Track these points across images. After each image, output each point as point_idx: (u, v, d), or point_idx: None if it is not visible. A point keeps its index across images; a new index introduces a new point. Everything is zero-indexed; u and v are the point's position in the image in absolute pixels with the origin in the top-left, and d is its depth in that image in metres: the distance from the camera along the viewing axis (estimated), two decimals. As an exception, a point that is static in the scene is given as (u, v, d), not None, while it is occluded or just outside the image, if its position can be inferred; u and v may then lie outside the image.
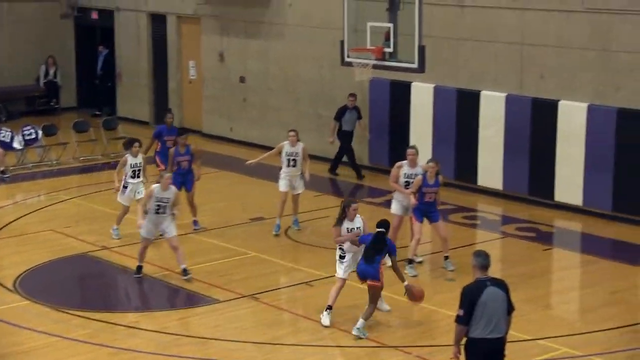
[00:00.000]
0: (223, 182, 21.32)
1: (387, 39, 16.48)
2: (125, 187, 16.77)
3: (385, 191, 20.55)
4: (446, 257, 15.49)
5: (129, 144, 16.98)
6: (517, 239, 17.26)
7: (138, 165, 16.78)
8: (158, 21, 27.03)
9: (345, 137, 21.32)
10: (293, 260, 16.21)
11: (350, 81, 20.98)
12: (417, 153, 15.68)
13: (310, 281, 15.02)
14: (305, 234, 17.36)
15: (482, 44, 19.85)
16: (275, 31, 23.85)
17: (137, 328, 13.36)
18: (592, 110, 18.16)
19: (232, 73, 25.16)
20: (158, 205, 14.76)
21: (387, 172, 21.53)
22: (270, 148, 18.49)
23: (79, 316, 13.74)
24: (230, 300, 14.27)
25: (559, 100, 18.68)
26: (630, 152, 17.67)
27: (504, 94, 19.48)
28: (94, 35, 29.36)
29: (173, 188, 14.93)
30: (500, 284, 10.18)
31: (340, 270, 13.54)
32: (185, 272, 15.02)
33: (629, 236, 17.35)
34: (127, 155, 16.86)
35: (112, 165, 22.87)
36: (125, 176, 16.79)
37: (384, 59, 16.62)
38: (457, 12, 20.21)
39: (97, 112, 28.49)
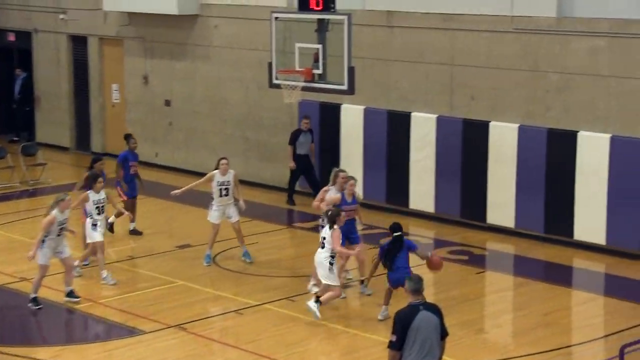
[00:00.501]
0: (149, 209, 21.20)
1: (316, 60, 16.58)
2: (95, 225, 16.15)
3: (317, 216, 20.69)
4: (362, 281, 15.64)
5: (92, 179, 16.26)
6: (450, 262, 17.47)
7: (102, 201, 16.20)
8: (79, 43, 26.90)
9: (300, 160, 21.12)
10: (222, 288, 16.21)
11: (278, 103, 21.09)
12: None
13: (240, 309, 15.06)
14: (233, 261, 17.38)
15: (413, 64, 20.13)
16: (201, 53, 23.91)
17: (60, 361, 13.28)
18: (522, 131, 18.51)
19: (157, 96, 25.14)
20: (61, 229, 14.92)
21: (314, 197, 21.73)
22: (197, 173, 18.53)
23: (-4, 351, 13.62)
24: (157, 331, 14.23)
25: (489, 122, 19.01)
26: (561, 172, 18.04)
27: (434, 116, 19.76)
28: (11, 57, 29.09)
29: (68, 210, 15.08)
30: (434, 309, 10.29)
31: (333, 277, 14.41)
32: (71, 294, 15.25)
33: (560, 258, 17.69)
34: (88, 193, 16.12)
35: (30, 193, 22.76)
36: (91, 216, 16.14)
37: (313, 81, 16.70)
38: (386, 33, 20.47)
39: (15, 138, 28.21)
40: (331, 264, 14.35)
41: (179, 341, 13.92)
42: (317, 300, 14.36)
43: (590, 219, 17.73)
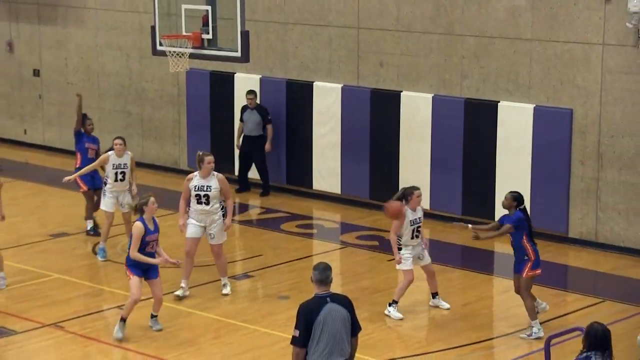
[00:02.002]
0: (17, 194, 20.88)
1: (205, 23, 16.53)
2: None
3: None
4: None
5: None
6: (358, 248, 17.57)
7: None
8: None
9: (245, 142, 20.51)
10: (103, 281, 16.11)
11: (163, 72, 21.01)
12: None
13: (123, 305, 14.93)
14: (116, 251, 17.23)
15: (314, 28, 20.14)
16: (73, 16, 23.59)
17: None
18: (437, 102, 18.68)
19: (24, 66, 24.77)
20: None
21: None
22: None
23: None
24: (30, 330, 14.06)
25: (400, 91, 19.14)
26: (480, 146, 18.28)
27: (339, 85, 19.82)
28: None
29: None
30: (342, 300, 10.23)
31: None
32: None
33: (480, 242, 17.87)
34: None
35: None
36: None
37: (202, 47, 16.64)
38: (284, -7, 20.47)
39: None
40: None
41: (56, 341, 13.78)
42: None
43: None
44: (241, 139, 20.56)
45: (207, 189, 15.03)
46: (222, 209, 15.20)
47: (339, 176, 19.94)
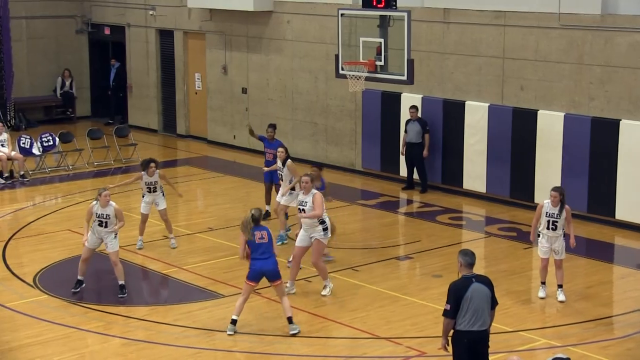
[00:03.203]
0: (226, 186, 21.35)
1: (379, 53, 16.46)
2: (143, 195, 16.35)
3: (378, 194, 20.61)
4: None
5: (145, 164, 16.28)
6: (499, 238, 17.28)
7: (154, 183, 16.25)
8: (166, 36, 27.03)
9: (407, 149, 20.22)
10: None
11: (344, 92, 21.06)
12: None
13: (309, 277, 15.02)
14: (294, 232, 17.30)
15: (467, 57, 19.89)
16: (274, 46, 23.87)
17: (148, 320, 13.37)
18: (568, 119, 18.22)
19: (235, 85, 25.17)
20: (100, 222, 14.10)
21: (379, 177, 21.71)
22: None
23: (94, 309, 13.76)
24: (234, 295, 14.21)
25: (537, 110, 18.74)
26: (603, 157, 17.72)
27: (486, 104, 19.53)
28: (107, 49, 29.34)
29: (112, 204, 14.13)
30: (485, 281, 10.19)
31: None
32: (122, 289, 14.35)
33: (602, 235, 17.39)
34: (141, 174, 16.22)
35: (123, 170, 23.02)
36: (143, 190, 16.30)
37: (375, 72, 16.58)
38: (443, 28, 20.26)
39: (110, 121, 28.46)
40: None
41: (254, 304, 13.90)
42: None
43: (631, 200, 17.38)
44: (405, 147, 20.41)
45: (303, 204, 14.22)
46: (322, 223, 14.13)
47: (484, 178, 19.63)
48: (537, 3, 18.60)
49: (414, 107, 20.15)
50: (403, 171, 20.95)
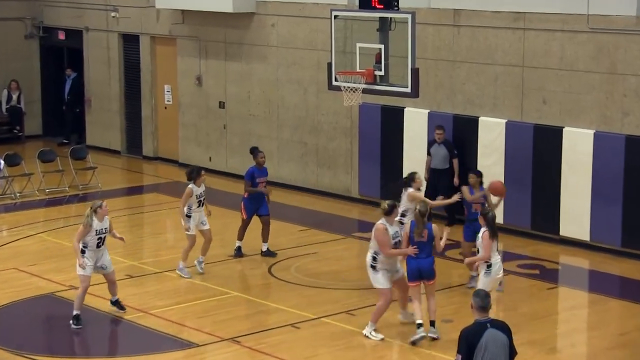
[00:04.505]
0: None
1: (378, 61, 16.50)
2: (188, 215, 16.95)
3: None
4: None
5: (195, 173, 17.07)
6: (519, 276, 17.28)
7: (203, 194, 17.04)
8: (130, 42, 27.09)
9: (435, 175, 19.97)
10: (278, 300, 16.17)
11: (338, 106, 21.09)
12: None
13: (297, 323, 15.01)
14: (290, 272, 17.35)
15: (480, 66, 19.97)
16: (257, 53, 23.94)
17: (108, 375, 13.33)
18: (598, 138, 18.27)
19: (211, 98, 25.22)
20: (99, 238, 14.72)
21: (378, 205, 21.49)
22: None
23: (44, 362, 13.71)
24: (209, 344, 14.20)
25: (562, 127, 18.79)
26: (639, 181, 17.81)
27: (503, 120, 19.58)
28: (61, 57, 29.39)
29: (107, 218, 14.92)
30: (502, 326, 10.17)
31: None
32: (118, 304, 15.34)
33: (638, 273, 17.40)
34: (191, 186, 16.96)
35: (80, 198, 22.94)
36: (190, 206, 16.95)
37: (374, 83, 16.61)
38: (453, 32, 20.34)
39: (65, 141, 28.48)
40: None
41: (232, 355, 13.88)
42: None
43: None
44: (428, 172, 20.24)
45: None
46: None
47: (502, 206, 19.55)
48: (561, 3, 18.70)
49: (440, 127, 19.97)
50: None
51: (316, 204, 21.90)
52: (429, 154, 20.20)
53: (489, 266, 14.08)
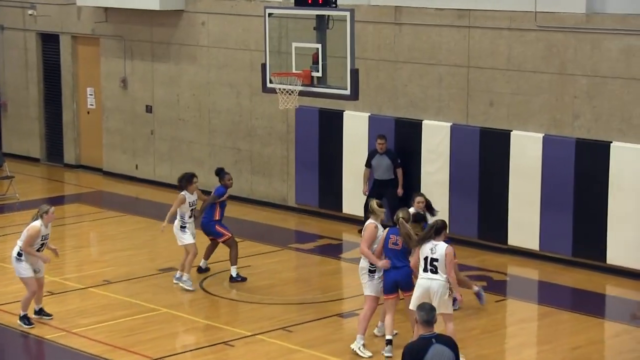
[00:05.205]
0: (127, 228, 21.19)
1: (315, 61, 16.51)
2: (183, 227, 17.15)
3: (316, 235, 20.67)
4: None
5: (185, 180, 17.21)
6: (465, 289, 17.39)
7: (195, 203, 17.26)
8: (50, 41, 26.90)
9: (379, 187, 20.02)
10: (210, 316, 16.16)
11: (273, 110, 21.10)
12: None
13: (230, 341, 15.01)
14: (223, 287, 17.33)
15: (424, 67, 20.09)
16: (186, 53, 23.90)
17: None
18: (548, 142, 18.46)
19: (137, 102, 25.11)
20: (42, 244, 15.40)
21: (317, 214, 21.79)
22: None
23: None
24: (137, 364, 14.19)
25: (510, 131, 18.97)
26: (591, 188, 18.01)
27: (448, 124, 19.73)
28: (-25, 58, 29.13)
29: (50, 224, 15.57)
30: (448, 341, 10.17)
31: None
32: (42, 312, 15.75)
33: (590, 284, 17.62)
34: (184, 193, 17.13)
35: (-4, 210, 22.73)
36: (182, 218, 17.16)
37: (311, 85, 16.62)
38: (394, 31, 20.45)
39: (-21, 148, 28.22)
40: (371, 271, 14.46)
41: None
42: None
43: (625, 240, 17.71)
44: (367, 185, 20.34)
45: None
46: None
47: (446, 214, 19.73)
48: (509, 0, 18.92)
49: (382, 137, 20.02)
50: (347, 208, 21.04)
51: (250, 214, 21.89)
52: (368, 165, 20.24)
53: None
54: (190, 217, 17.22)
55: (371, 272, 14.40)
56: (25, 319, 15.42)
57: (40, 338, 15.18)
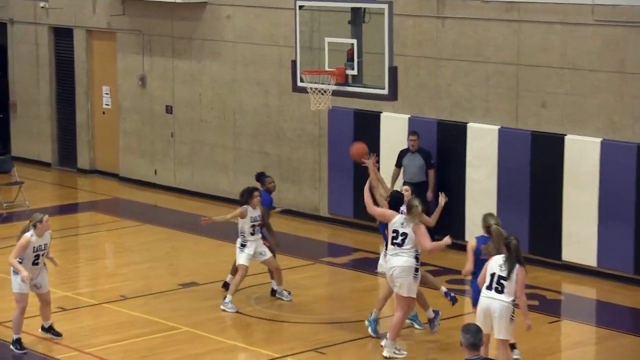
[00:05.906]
0: (146, 238, 21.20)
1: (350, 58, 16.54)
2: (243, 244, 17.02)
3: (351, 248, 20.53)
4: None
5: (247, 194, 17.08)
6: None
7: (258, 219, 17.07)
8: (63, 36, 27.03)
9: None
10: (234, 336, 16.10)
11: (304, 110, 21.05)
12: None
13: (257, 364, 14.91)
14: (249, 304, 17.22)
15: (469, 64, 19.99)
16: (209, 49, 23.87)
17: None
18: (606, 147, 18.30)
19: (156, 102, 25.14)
20: (36, 256, 15.14)
21: (351, 225, 21.63)
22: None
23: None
24: (155, 389, 14.11)
25: (564, 135, 18.82)
26: (654, 197, 17.86)
27: (496, 127, 19.60)
28: (-18, 54, 29.27)
29: (48, 233, 15.35)
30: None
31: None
32: (51, 330, 15.67)
33: (653, 304, 17.49)
34: (246, 207, 17.00)
35: (4, 217, 22.77)
36: (243, 234, 17.01)
37: (346, 84, 16.67)
38: (436, 25, 20.36)
39: (-15, 151, 28.36)
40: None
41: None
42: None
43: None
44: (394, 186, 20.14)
45: None
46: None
47: (494, 227, 19.62)
48: (562, -9, 18.82)
49: (414, 133, 20.04)
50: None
51: (278, 224, 21.70)
52: (398, 165, 20.18)
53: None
54: (252, 234, 16.99)
55: (416, 269, 14.74)
56: (17, 343, 15.22)
57: (50, 358, 15.16)
